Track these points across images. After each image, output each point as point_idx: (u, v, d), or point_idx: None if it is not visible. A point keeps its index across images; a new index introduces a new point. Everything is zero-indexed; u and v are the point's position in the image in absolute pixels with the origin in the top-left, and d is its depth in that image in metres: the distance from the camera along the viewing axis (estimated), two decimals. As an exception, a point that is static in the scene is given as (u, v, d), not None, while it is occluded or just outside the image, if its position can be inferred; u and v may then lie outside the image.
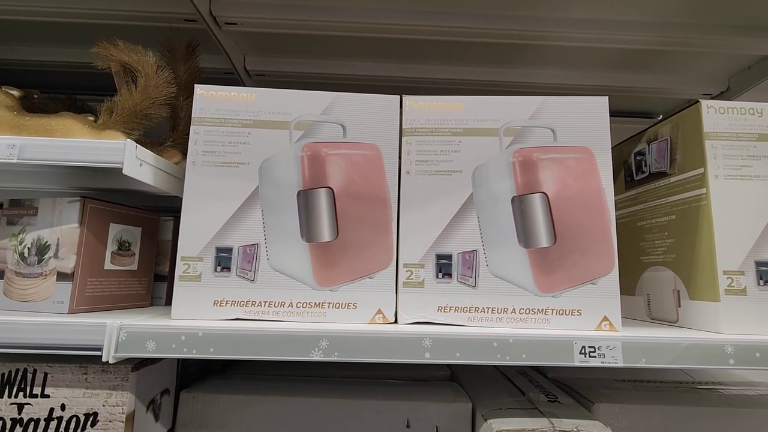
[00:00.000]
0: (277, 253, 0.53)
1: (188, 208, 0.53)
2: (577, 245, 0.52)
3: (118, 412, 0.49)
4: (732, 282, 0.51)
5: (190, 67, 0.65)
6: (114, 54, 0.54)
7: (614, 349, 0.46)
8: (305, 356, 0.45)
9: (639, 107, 1.04)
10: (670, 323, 0.59)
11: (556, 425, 0.51)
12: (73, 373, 0.50)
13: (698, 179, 0.54)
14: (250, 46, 0.83)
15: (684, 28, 0.75)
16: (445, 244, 0.53)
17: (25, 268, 0.54)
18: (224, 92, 0.55)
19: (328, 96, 0.55)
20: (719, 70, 0.87)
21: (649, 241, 0.63)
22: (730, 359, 0.46)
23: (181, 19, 0.71)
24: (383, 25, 0.74)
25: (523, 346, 0.46)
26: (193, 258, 0.52)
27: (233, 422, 0.57)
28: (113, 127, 0.53)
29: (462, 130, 0.55)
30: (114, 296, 0.59)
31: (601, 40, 0.77)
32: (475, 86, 0.89)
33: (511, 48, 0.81)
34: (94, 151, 0.48)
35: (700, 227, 0.53)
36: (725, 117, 0.54)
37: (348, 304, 0.52)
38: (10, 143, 0.47)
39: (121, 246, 0.60)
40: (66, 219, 0.54)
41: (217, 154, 0.53)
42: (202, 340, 0.45)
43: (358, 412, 0.57)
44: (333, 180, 0.53)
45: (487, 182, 0.54)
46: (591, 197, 0.53)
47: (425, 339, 0.46)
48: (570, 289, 0.52)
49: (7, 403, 0.49)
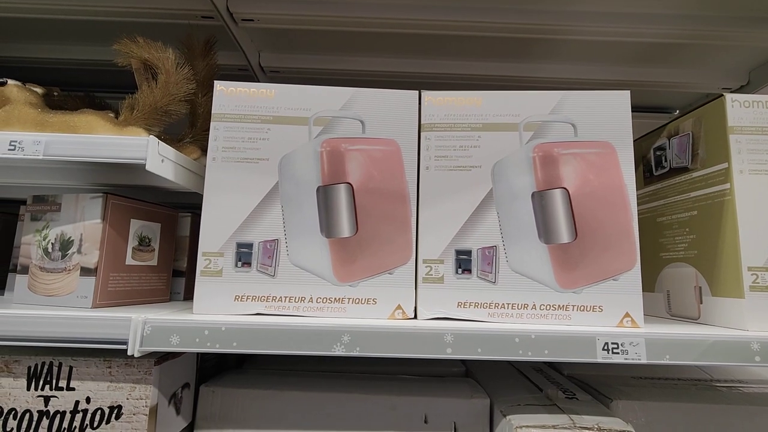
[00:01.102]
0: (297, 248, 0.53)
1: (209, 203, 0.53)
2: (598, 241, 0.52)
3: (141, 405, 0.49)
4: (757, 278, 0.50)
5: (209, 64, 0.65)
6: (135, 51, 0.55)
7: (637, 345, 0.46)
8: (327, 351, 0.45)
9: (656, 102, 1.03)
10: (691, 320, 0.58)
11: (577, 422, 0.50)
12: (97, 366, 0.50)
13: (722, 174, 0.53)
14: (265, 42, 0.83)
15: (703, 21, 0.74)
16: (465, 240, 0.53)
17: (49, 263, 0.55)
18: (244, 88, 0.55)
19: (346, 92, 0.55)
20: (739, 63, 0.86)
21: (669, 237, 0.62)
22: (756, 356, 0.45)
23: (199, 16, 0.71)
24: (399, 20, 0.74)
25: (546, 342, 0.46)
26: (214, 253, 0.52)
27: (252, 416, 0.58)
28: (135, 123, 0.54)
29: (481, 125, 0.55)
30: (135, 291, 0.59)
31: (619, 34, 0.77)
32: (493, 81, 0.88)
33: (528, 42, 0.80)
34: (117, 148, 0.48)
35: (724, 223, 0.53)
36: (750, 111, 0.53)
37: (368, 300, 0.52)
38: (36, 140, 0.47)
39: (142, 241, 0.60)
40: (89, 215, 0.54)
41: (237, 150, 0.54)
42: (225, 334, 0.46)
43: (376, 408, 0.57)
44: (352, 175, 0.54)
45: (506, 177, 0.54)
46: (612, 193, 0.52)
47: (447, 334, 0.46)
48: (591, 285, 0.51)
49: (34, 396, 0.49)
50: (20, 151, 0.47)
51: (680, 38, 0.77)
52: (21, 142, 0.47)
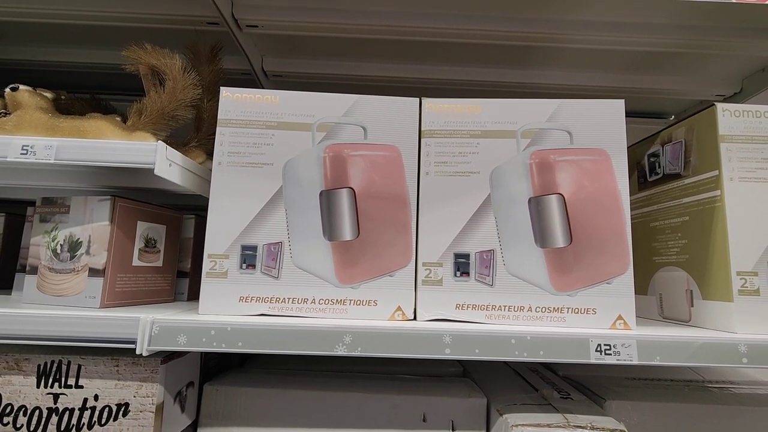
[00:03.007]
0: (300, 251, 0.54)
1: (215, 207, 0.54)
2: (593, 245, 0.53)
3: (148, 403, 0.51)
4: (745, 282, 0.52)
5: (214, 69, 0.67)
6: (143, 57, 0.56)
7: (629, 347, 0.47)
8: (330, 351, 0.47)
9: (651, 108, 1.05)
10: (682, 323, 0.60)
11: (571, 421, 0.52)
12: (105, 365, 0.52)
13: (713, 181, 0.55)
14: (269, 47, 0.84)
15: (698, 31, 0.76)
16: (463, 244, 0.55)
17: (57, 264, 0.56)
18: (249, 94, 0.56)
19: (349, 98, 0.57)
20: (732, 71, 0.88)
21: (662, 242, 0.64)
22: (743, 358, 0.47)
23: (204, 22, 0.73)
24: (400, 27, 0.75)
25: (541, 343, 0.47)
26: (219, 255, 0.54)
27: (255, 414, 0.59)
28: (143, 128, 0.55)
29: (480, 132, 0.57)
30: (141, 292, 0.61)
31: (615, 42, 0.78)
32: (491, 87, 0.90)
33: (525, 50, 0.82)
34: (127, 153, 0.49)
35: (714, 228, 0.54)
36: (740, 120, 0.55)
37: (369, 302, 0.54)
38: (48, 144, 0.49)
39: (148, 243, 0.62)
40: (97, 217, 0.56)
41: (243, 155, 0.55)
42: (230, 334, 0.47)
43: (377, 406, 0.59)
44: (354, 180, 0.55)
45: (504, 183, 0.55)
46: (607, 198, 0.54)
47: (445, 335, 0.47)
48: (585, 288, 0.53)
49: (44, 393, 0.51)
50: (32, 156, 0.48)
51: (675, 47, 0.79)
52: (33, 147, 0.49)
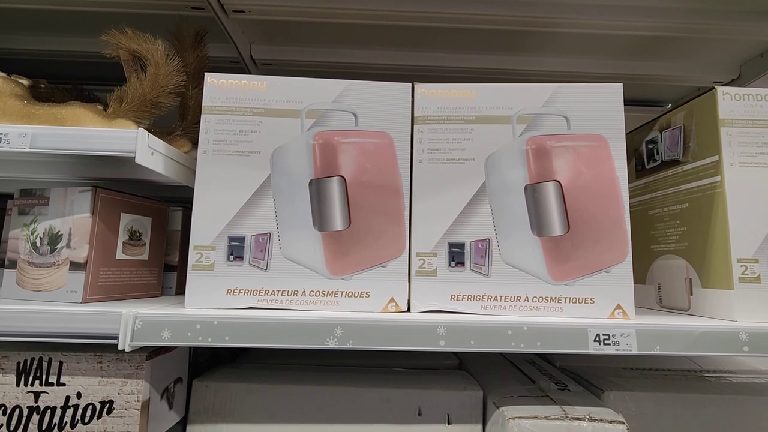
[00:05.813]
0: (289, 242, 0.53)
1: (200, 197, 0.52)
2: (590, 233, 0.52)
3: (133, 400, 0.49)
4: (746, 270, 0.50)
5: (199, 56, 0.65)
6: (123, 42, 0.54)
7: (629, 336, 0.46)
8: (320, 344, 0.45)
9: (648, 95, 1.03)
10: (681, 311, 0.59)
11: (569, 412, 0.51)
12: (88, 361, 0.50)
13: (713, 167, 0.54)
14: (257, 34, 0.82)
15: (695, 14, 0.74)
16: (458, 233, 0.53)
17: (37, 258, 0.54)
18: (235, 80, 0.54)
19: (339, 84, 0.55)
20: (730, 56, 0.86)
21: (661, 230, 0.63)
22: (744, 346, 0.46)
23: (189, 6, 0.70)
24: (392, 12, 0.73)
25: (538, 333, 0.46)
26: (205, 247, 0.52)
27: (245, 410, 0.57)
28: (124, 116, 0.53)
29: (474, 117, 0.55)
30: (126, 286, 0.59)
31: (611, 27, 0.77)
32: (486, 74, 0.88)
33: (521, 35, 0.80)
34: (106, 140, 0.47)
35: (714, 215, 0.53)
36: (741, 104, 0.54)
37: (361, 293, 0.52)
38: (22, 132, 0.47)
39: (132, 236, 0.59)
40: (78, 209, 0.54)
41: (229, 143, 0.53)
42: (217, 328, 0.45)
43: (370, 400, 0.57)
44: (345, 168, 0.53)
45: (499, 170, 0.53)
46: (605, 185, 0.53)
47: (440, 327, 0.46)
48: (583, 278, 0.52)
49: (24, 391, 0.49)
50: (6, 144, 0.46)
51: (672, 31, 0.78)
52: (6, 135, 0.47)
